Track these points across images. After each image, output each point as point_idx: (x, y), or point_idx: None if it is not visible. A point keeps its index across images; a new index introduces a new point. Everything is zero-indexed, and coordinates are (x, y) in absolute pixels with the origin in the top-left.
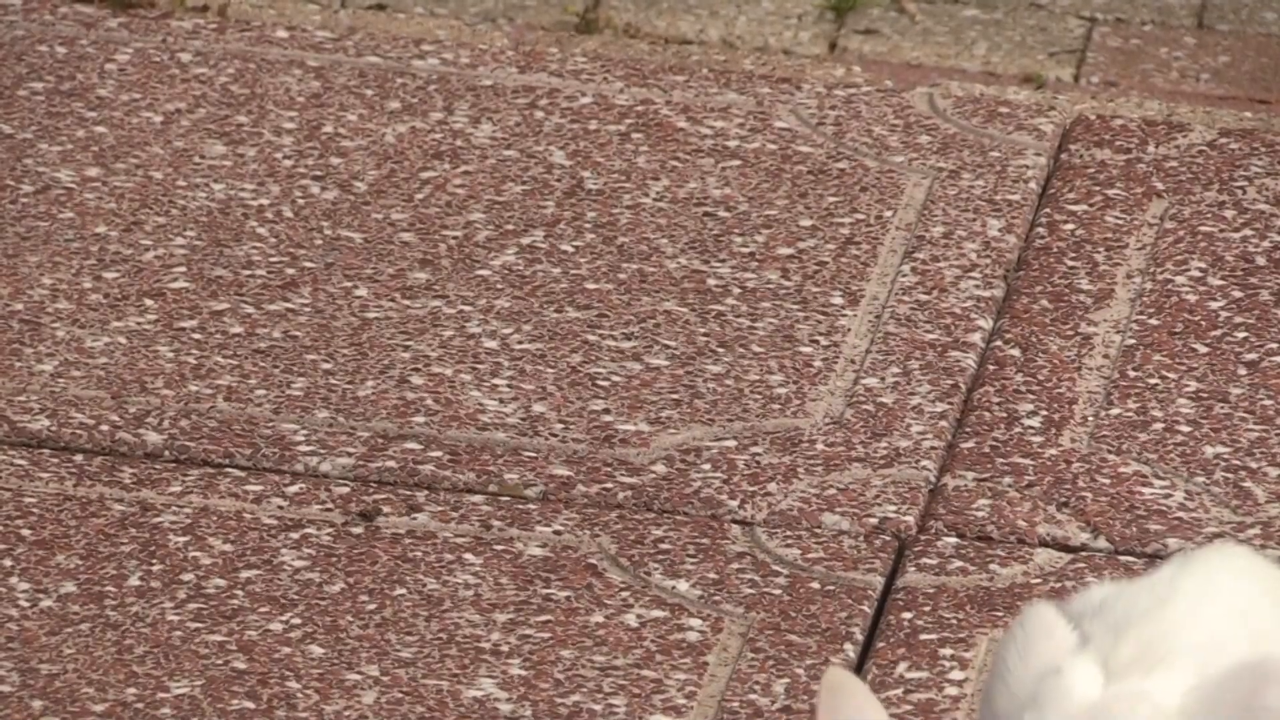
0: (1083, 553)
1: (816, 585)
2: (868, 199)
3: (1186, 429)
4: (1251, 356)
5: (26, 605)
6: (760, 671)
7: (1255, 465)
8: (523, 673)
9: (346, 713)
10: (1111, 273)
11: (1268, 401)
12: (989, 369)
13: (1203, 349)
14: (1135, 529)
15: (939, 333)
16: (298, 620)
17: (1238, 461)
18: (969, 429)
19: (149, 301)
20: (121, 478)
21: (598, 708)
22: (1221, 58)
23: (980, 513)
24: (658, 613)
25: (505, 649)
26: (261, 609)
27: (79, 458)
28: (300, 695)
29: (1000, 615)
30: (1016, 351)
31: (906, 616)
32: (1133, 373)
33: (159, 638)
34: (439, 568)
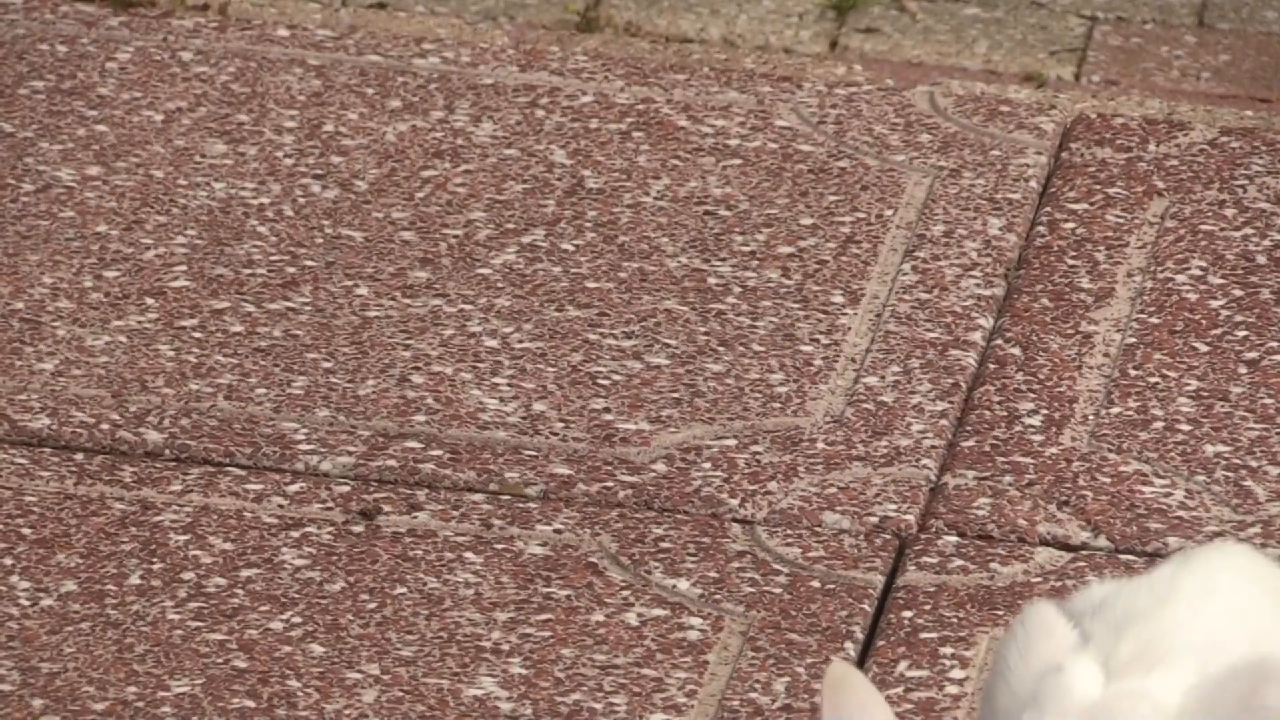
0: (1083, 551)
1: (817, 584)
2: (868, 198)
3: (1187, 428)
4: (1252, 355)
5: (27, 604)
6: (761, 670)
7: (1255, 464)
8: (523, 671)
9: (347, 711)
10: (1112, 271)
11: (1268, 400)
12: (990, 368)
13: (1203, 348)
14: (1136, 528)
15: (940, 331)
16: (298, 619)
17: (1238, 460)
18: (969, 428)
19: (150, 300)
20: (122, 476)
21: (598, 706)
22: (1222, 56)
23: (981, 511)
24: (658, 611)
25: (506, 648)
26: (262, 608)
27: (79, 456)
28: (301, 694)
29: (1001, 614)
30: (1017, 350)
31: (907, 615)
32: (1133, 371)
33: (159, 636)
34: (439, 566)
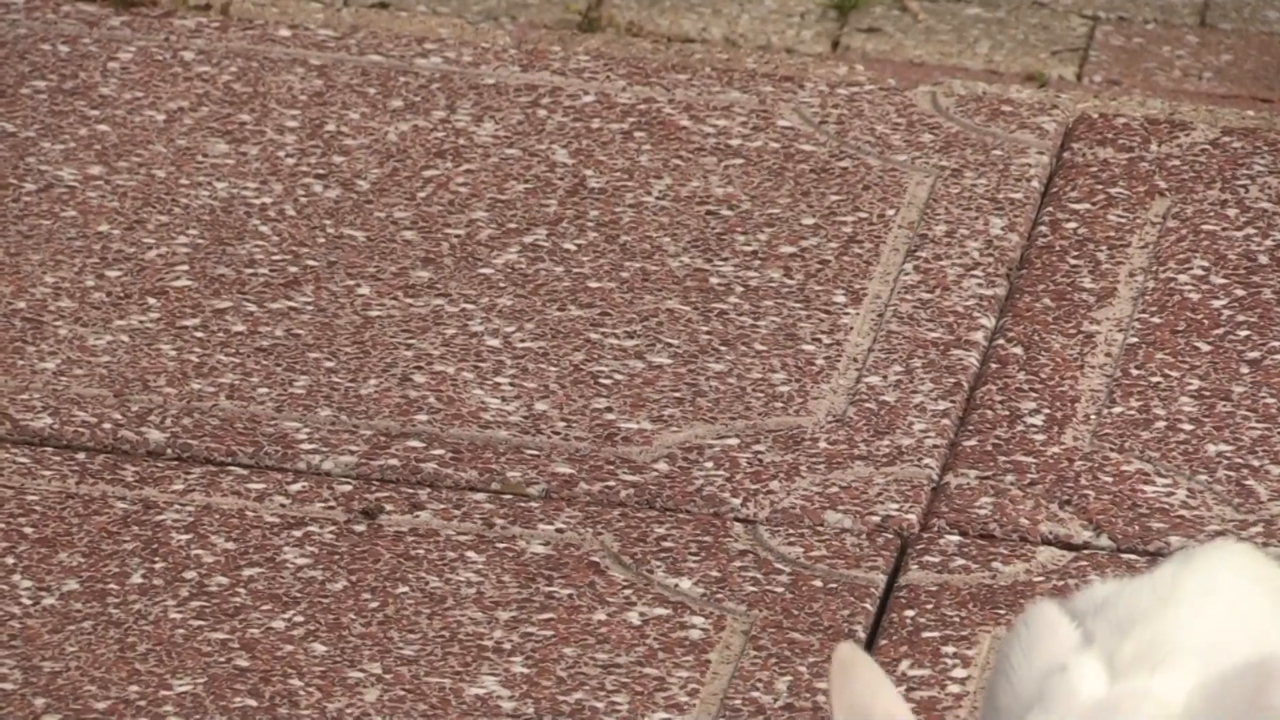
0: (1085, 551)
1: (819, 583)
2: (870, 197)
3: (1189, 427)
4: (1254, 355)
5: (29, 603)
6: (763, 669)
7: (1257, 463)
8: (525, 670)
9: (349, 710)
10: (1114, 271)
11: (1270, 400)
12: (991, 367)
13: (1205, 347)
14: (1138, 527)
15: (942, 331)
16: (300, 618)
17: (1240, 460)
18: (971, 427)
19: (151, 300)
20: (124, 476)
21: (600, 705)
22: (1224, 56)
23: (983, 510)
24: (660, 610)
25: (508, 647)
26: (264, 607)
27: (81, 456)
28: (303, 693)
29: (1003, 613)
30: (1019, 350)
31: (909, 614)
32: (1135, 371)
33: (161, 635)
34: (441, 565)
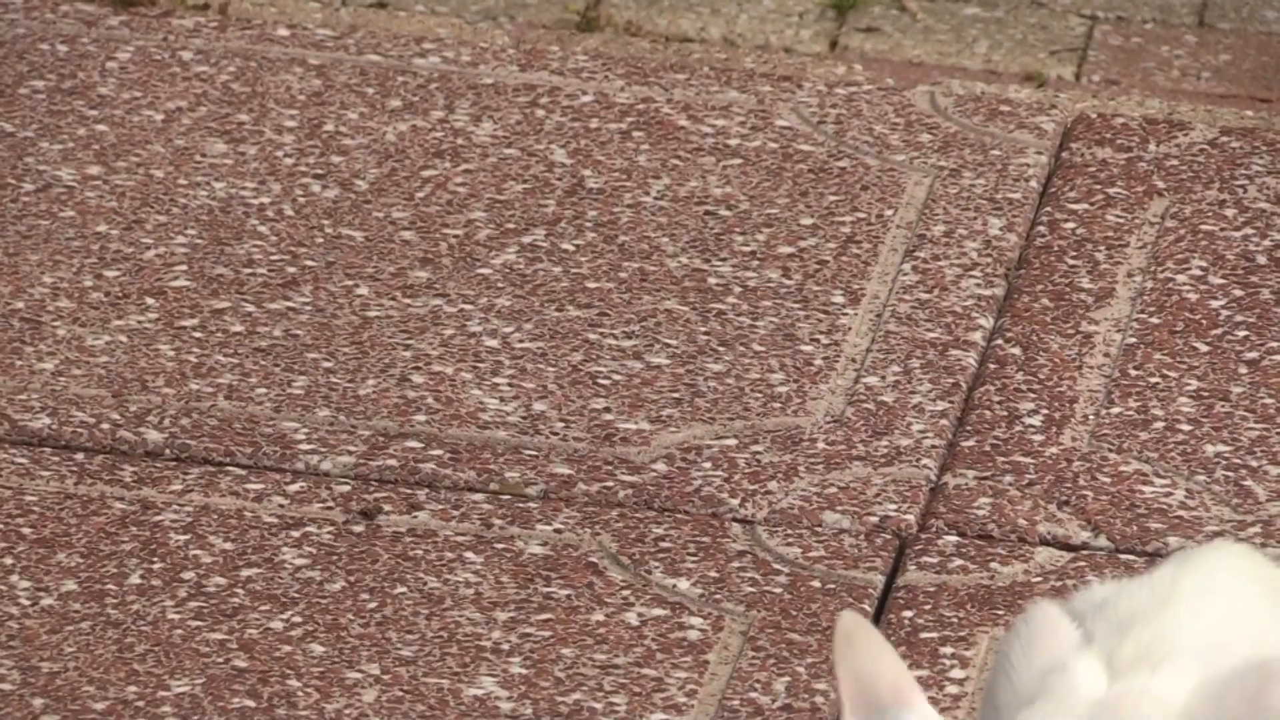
0: (1083, 551)
1: (817, 584)
2: (869, 197)
3: (1187, 428)
4: (1252, 355)
5: (27, 603)
6: (761, 670)
7: (1256, 464)
8: (523, 671)
9: (347, 711)
10: (1112, 271)
11: (1268, 400)
12: (990, 368)
13: (1203, 348)
14: (1136, 527)
15: (940, 331)
16: (298, 618)
17: (1238, 460)
18: (970, 427)
19: (150, 300)
20: (122, 476)
21: (598, 706)
22: (1223, 56)
23: (981, 511)
24: (658, 611)
25: (506, 647)
26: (262, 607)
27: (80, 456)
28: (301, 693)
29: (1001, 614)
30: (1017, 350)
31: (907, 615)
32: (1134, 371)
33: (160, 636)
34: (440, 566)
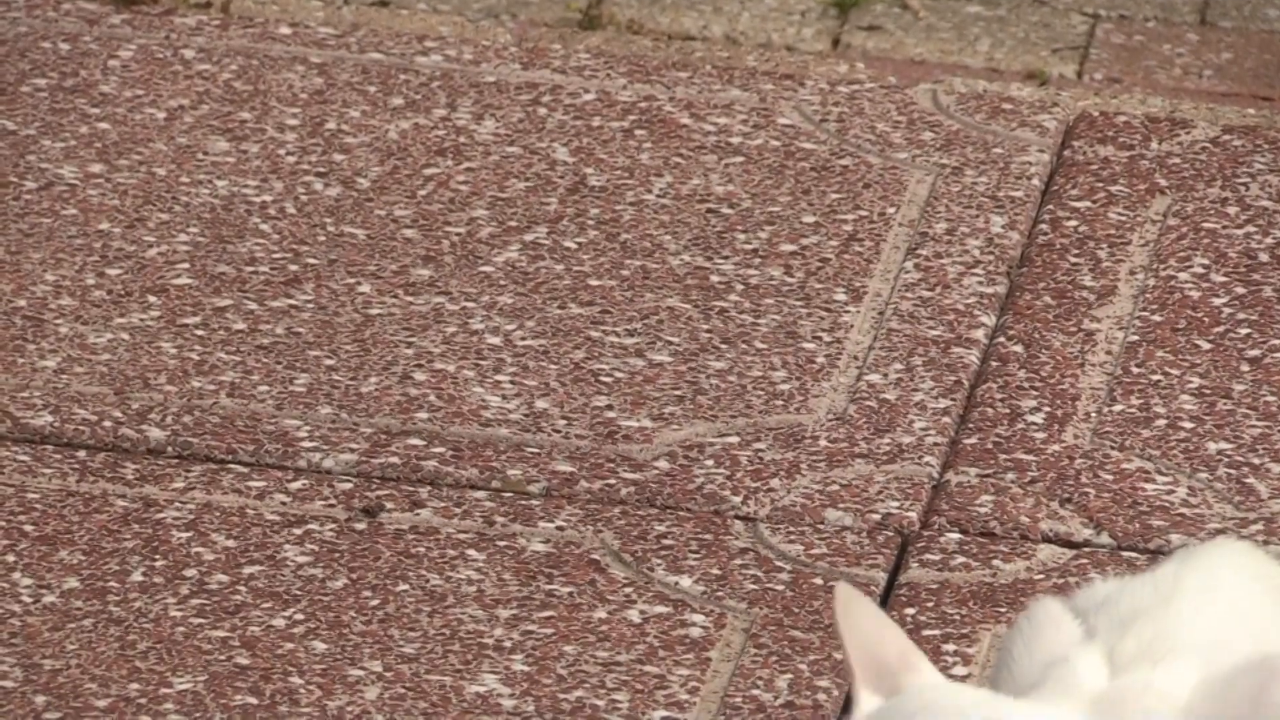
0: (1085, 549)
1: (819, 581)
2: (871, 195)
3: (1189, 425)
4: (1254, 353)
5: (29, 601)
6: (763, 667)
7: (1258, 461)
8: (525, 668)
9: (349, 708)
10: (1114, 269)
11: (1270, 398)
12: (992, 365)
13: (1206, 345)
14: (1138, 525)
15: (942, 329)
16: (300, 616)
17: (1240, 458)
18: (972, 425)
19: (152, 298)
20: (124, 474)
21: (601, 703)
22: (1224, 54)
23: (983, 508)
24: (661, 609)
25: (508, 645)
26: (264, 605)
27: (82, 454)
28: (303, 691)
29: (1003, 611)
30: (1020, 348)
31: (910, 612)
32: (1136, 369)
33: (162, 633)
34: (442, 563)
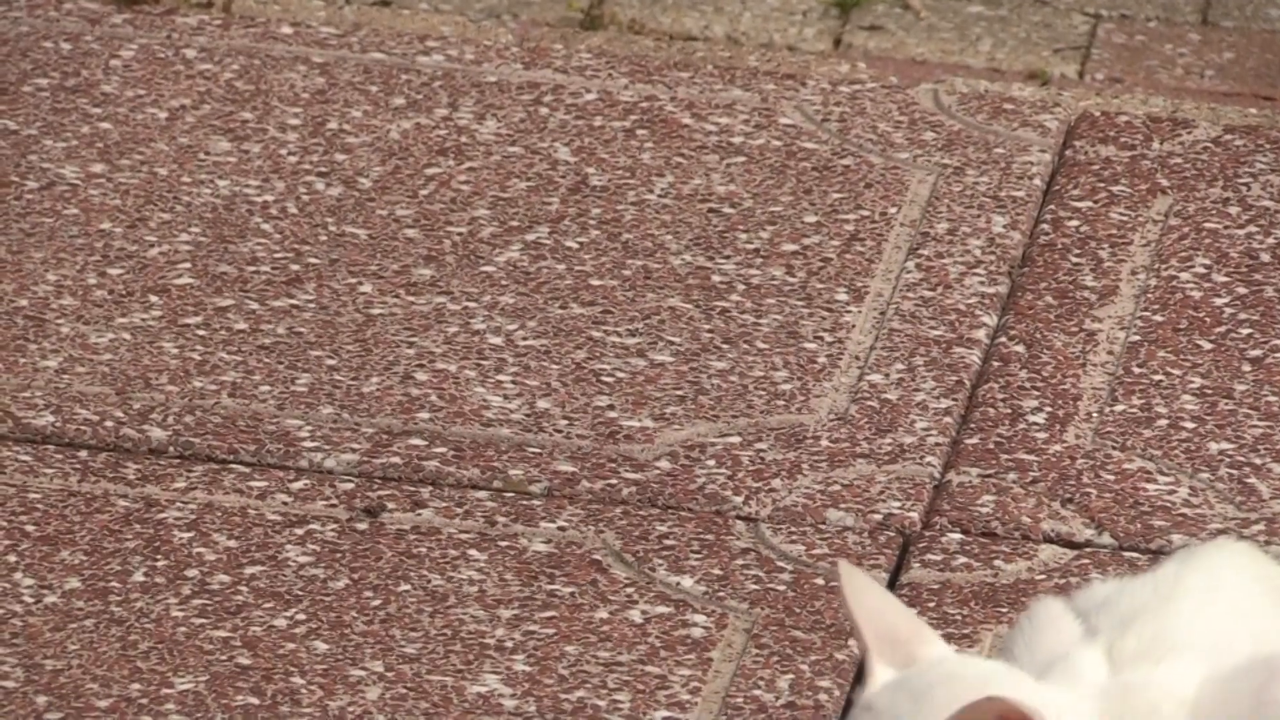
0: (1087, 549)
1: (821, 581)
2: (872, 195)
3: (1191, 425)
4: (1256, 353)
5: (31, 601)
6: (765, 667)
7: (1260, 461)
8: (527, 669)
9: (351, 708)
10: (1116, 269)
11: (1272, 398)
12: (993, 365)
13: (1207, 345)
14: (1140, 525)
15: (944, 329)
16: (302, 616)
17: (1242, 458)
18: (973, 425)
19: (154, 298)
20: (126, 474)
21: (602, 704)
22: (1226, 54)
23: (985, 509)
24: (662, 609)
25: (510, 645)
26: (266, 605)
27: (83, 454)
28: (304, 691)
29: (1005, 611)
30: (1021, 348)
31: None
32: (1137, 369)
33: (163, 633)
34: (443, 564)
